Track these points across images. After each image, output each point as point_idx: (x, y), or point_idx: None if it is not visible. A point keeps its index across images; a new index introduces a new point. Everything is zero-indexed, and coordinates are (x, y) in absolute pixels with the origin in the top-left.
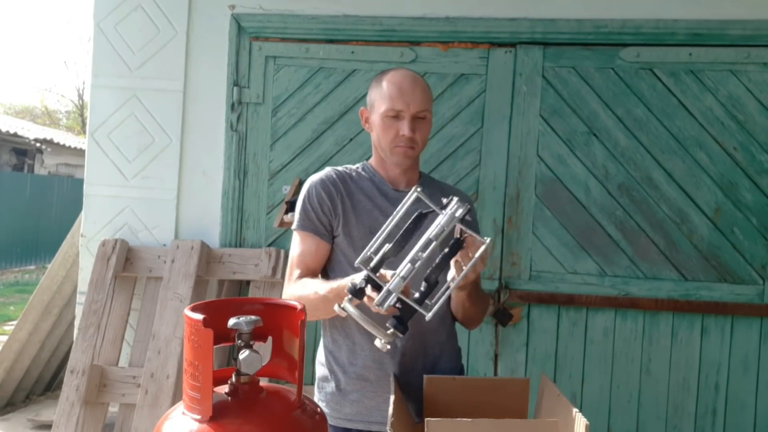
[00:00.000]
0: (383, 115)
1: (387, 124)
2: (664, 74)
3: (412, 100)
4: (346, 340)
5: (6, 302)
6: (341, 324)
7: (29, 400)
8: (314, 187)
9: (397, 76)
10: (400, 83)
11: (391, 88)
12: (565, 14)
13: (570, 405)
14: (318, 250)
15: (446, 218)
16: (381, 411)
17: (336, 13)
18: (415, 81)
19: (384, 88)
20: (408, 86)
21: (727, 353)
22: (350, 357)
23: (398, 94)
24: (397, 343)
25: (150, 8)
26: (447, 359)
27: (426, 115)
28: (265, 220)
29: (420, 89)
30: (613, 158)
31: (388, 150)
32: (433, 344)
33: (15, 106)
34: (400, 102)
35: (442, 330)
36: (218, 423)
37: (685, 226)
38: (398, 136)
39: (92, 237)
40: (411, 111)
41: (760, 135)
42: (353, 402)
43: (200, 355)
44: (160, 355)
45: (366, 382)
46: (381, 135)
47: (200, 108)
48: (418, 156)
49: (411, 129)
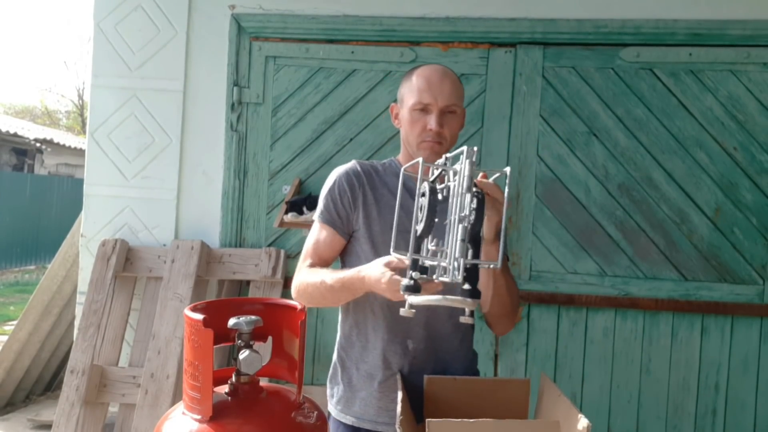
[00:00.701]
0: (411, 108)
1: (414, 118)
2: (664, 74)
3: (440, 93)
4: (360, 338)
5: (6, 302)
6: (356, 322)
7: (29, 400)
8: (339, 179)
9: (426, 70)
10: (429, 76)
11: (419, 82)
12: (565, 14)
13: (571, 405)
14: (333, 242)
15: (467, 165)
16: (388, 412)
17: (336, 13)
18: (445, 74)
19: (413, 81)
20: (437, 79)
21: (727, 353)
22: (362, 354)
23: (426, 87)
24: (409, 345)
25: (150, 8)
26: (458, 365)
27: (455, 110)
28: (265, 220)
29: (450, 83)
30: (613, 158)
31: (415, 145)
32: (444, 350)
33: (15, 106)
34: (427, 95)
35: (455, 337)
36: (218, 423)
37: (685, 226)
38: (425, 131)
39: (92, 237)
40: (439, 104)
41: (760, 135)
42: (362, 401)
43: (200, 355)
44: (160, 355)
45: (374, 381)
46: (408, 129)
47: (200, 108)
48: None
49: (439, 123)
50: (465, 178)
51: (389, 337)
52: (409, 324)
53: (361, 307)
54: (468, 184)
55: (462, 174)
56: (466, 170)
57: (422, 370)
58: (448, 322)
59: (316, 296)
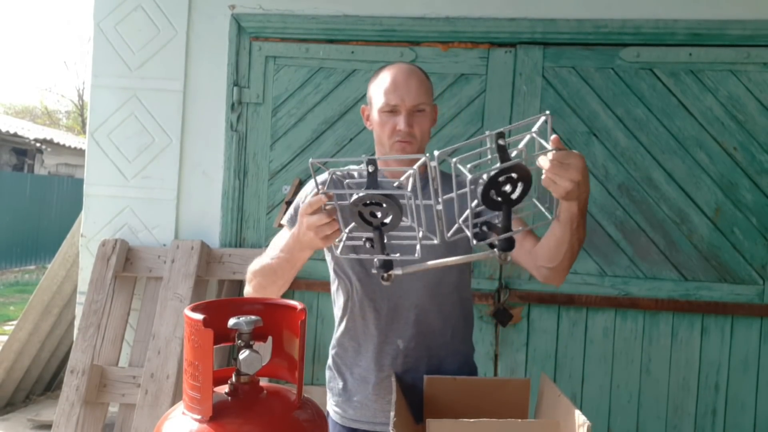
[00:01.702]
0: (380, 110)
1: (384, 119)
2: (664, 74)
3: (407, 94)
4: (352, 342)
5: (6, 302)
6: (348, 329)
7: (29, 400)
8: (309, 190)
9: (392, 70)
10: (395, 77)
11: (385, 83)
12: (565, 14)
13: (571, 405)
14: None
15: None
16: (385, 413)
17: (336, 13)
18: (411, 74)
19: (379, 83)
20: (402, 79)
21: (727, 353)
22: (355, 358)
23: (393, 88)
24: (399, 344)
25: (150, 8)
26: (452, 360)
27: (424, 108)
28: (265, 220)
29: (416, 82)
30: (613, 158)
31: (388, 146)
32: (436, 345)
33: (15, 106)
34: (394, 96)
35: (445, 331)
36: (218, 423)
37: (685, 226)
38: (395, 131)
39: (92, 237)
40: (407, 105)
41: (760, 135)
42: (357, 403)
43: (200, 355)
44: (160, 355)
45: (368, 384)
46: (379, 131)
47: (200, 108)
48: (421, 150)
49: (408, 123)
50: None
51: (380, 338)
52: (399, 323)
53: (352, 313)
54: None
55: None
56: None
57: (416, 369)
58: (437, 317)
59: (269, 272)
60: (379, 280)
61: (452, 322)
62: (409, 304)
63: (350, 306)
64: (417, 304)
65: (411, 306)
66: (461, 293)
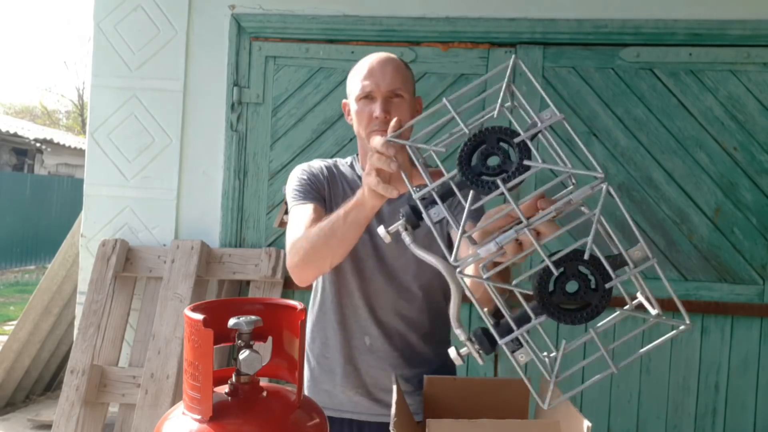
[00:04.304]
0: (356, 99)
1: (360, 108)
2: (664, 74)
3: (382, 79)
4: (320, 335)
5: (6, 302)
6: (317, 320)
7: (29, 400)
8: (305, 168)
9: (367, 59)
10: (371, 64)
11: (361, 71)
12: (565, 14)
13: (571, 405)
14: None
15: None
16: (352, 402)
17: (336, 13)
18: (386, 60)
19: (356, 72)
20: (377, 65)
21: (727, 353)
22: (323, 350)
23: (368, 74)
24: (366, 341)
25: (150, 8)
26: (422, 360)
27: (402, 94)
28: (265, 220)
29: (391, 68)
30: (613, 158)
31: (366, 136)
32: (403, 346)
33: (15, 106)
34: (369, 82)
35: (410, 335)
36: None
37: (685, 226)
38: (372, 119)
39: (92, 237)
40: (382, 90)
41: (760, 135)
42: (324, 391)
43: (200, 355)
44: (160, 355)
45: (335, 376)
46: (357, 121)
47: (200, 108)
48: None
49: (384, 110)
50: None
51: (347, 335)
52: (362, 322)
53: (322, 307)
54: None
55: None
56: None
57: (383, 367)
58: (395, 319)
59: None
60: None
61: (416, 324)
62: (379, 303)
63: (322, 299)
64: (386, 305)
65: (380, 306)
66: (431, 296)
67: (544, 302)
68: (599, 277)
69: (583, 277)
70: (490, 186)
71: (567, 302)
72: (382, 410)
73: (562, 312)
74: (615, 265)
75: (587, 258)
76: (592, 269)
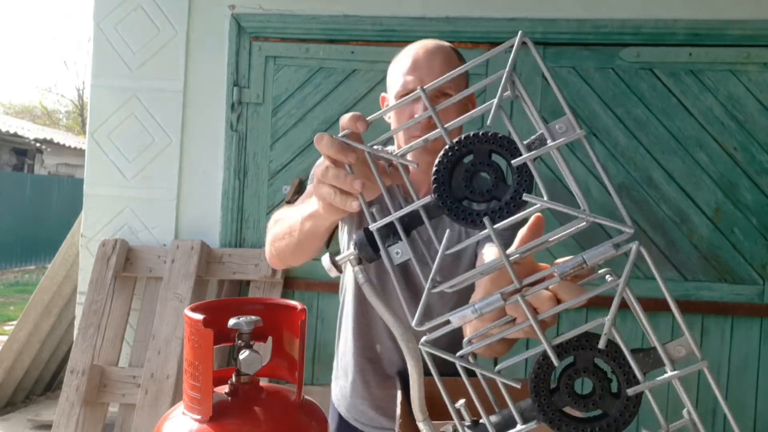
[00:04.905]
0: (396, 96)
1: (400, 109)
2: (664, 74)
3: (428, 74)
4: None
5: (6, 302)
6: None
7: (29, 400)
8: None
9: (413, 48)
10: (416, 55)
11: (404, 63)
12: (565, 14)
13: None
14: None
15: None
16: (358, 411)
17: (336, 13)
18: (435, 51)
19: (398, 63)
20: (423, 57)
21: (727, 353)
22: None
23: (411, 68)
24: (377, 348)
25: (150, 8)
26: None
27: (451, 93)
28: (265, 220)
29: (440, 61)
30: (613, 158)
31: (404, 141)
32: None
33: (15, 106)
34: (413, 78)
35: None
36: (218, 423)
37: (685, 226)
38: None
39: (92, 237)
40: (433, 95)
41: (760, 135)
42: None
43: (200, 355)
44: (160, 355)
45: (347, 378)
46: (395, 121)
47: (200, 108)
48: None
49: None
50: None
51: (361, 343)
52: (374, 331)
53: (342, 315)
54: None
55: None
56: None
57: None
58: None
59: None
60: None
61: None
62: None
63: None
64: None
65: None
66: None
67: (541, 403)
68: (624, 378)
69: (601, 375)
70: (474, 218)
71: (574, 406)
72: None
73: (566, 421)
74: (647, 363)
75: (602, 347)
76: (614, 365)
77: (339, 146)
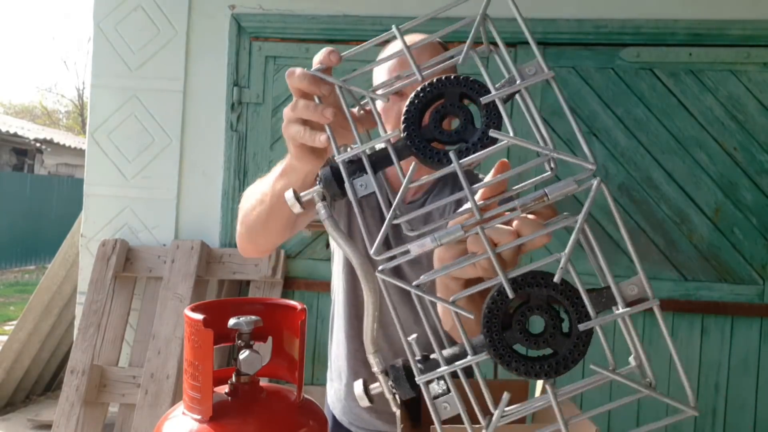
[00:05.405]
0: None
1: (387, 105)
2: (664, 74)
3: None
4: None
5: (6, 302)
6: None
7: (29, 400)
8: None
9: (396, 43)
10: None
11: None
12: (565, 14)
13: (573, 407)
14: None
15: None
16: (354, 414)
17: (336, 13)
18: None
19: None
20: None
21: (727, 353)
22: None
23: (397, 63)
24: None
25: (150, 8)
26: None
27: None
28: None
29: (428, 55)
30: (613, 158)
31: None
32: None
33: (15, 106)
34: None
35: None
36: (218, 423)
37: (685, 226)
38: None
39: (92, 237)
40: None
41: (760, 135)
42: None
43: (200, 355)
44: (160, 355)
45: (341, 380)
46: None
47: (200, 108)
48: None
49: None
50: None
51: (354, 345)
52: None
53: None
54: None
55: None
56: None
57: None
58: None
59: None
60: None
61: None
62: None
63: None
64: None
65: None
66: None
67: (493, 339)
68: (575, 317)
69: (553, 314)
70: (441, 157)
71: (525, 344)
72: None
73: (515, 357)
74: (599, 302)
75: (557, 284)
76: (567, 304)
77: (311, 78)
